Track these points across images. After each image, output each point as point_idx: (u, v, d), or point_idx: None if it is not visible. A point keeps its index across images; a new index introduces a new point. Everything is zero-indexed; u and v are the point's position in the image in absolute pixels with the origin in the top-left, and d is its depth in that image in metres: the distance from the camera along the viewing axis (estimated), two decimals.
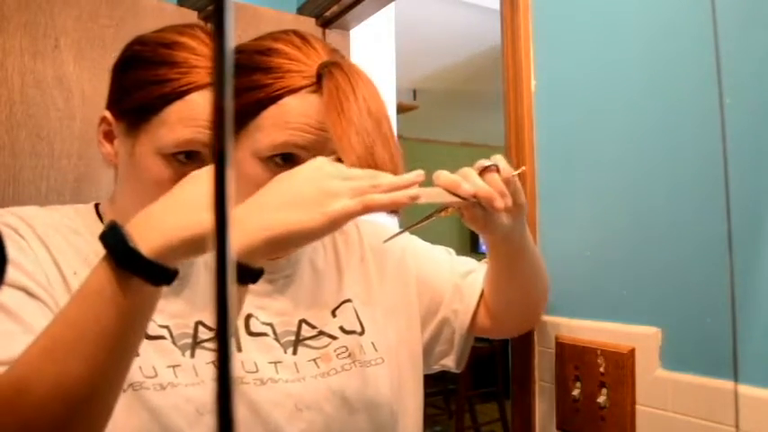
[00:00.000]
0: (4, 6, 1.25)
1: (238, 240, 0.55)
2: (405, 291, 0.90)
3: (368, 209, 0.57)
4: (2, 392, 0.51)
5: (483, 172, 0.73)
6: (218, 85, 0.19)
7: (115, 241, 0.52)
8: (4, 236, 0.35)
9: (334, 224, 0.57)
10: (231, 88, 0.19)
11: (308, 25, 1.66)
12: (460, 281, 0.92)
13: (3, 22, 1.25)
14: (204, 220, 0.52)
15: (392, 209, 0.59)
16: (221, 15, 0.19)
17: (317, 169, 0.59)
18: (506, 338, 1.05)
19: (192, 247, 0.53)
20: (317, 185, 0.57)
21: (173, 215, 0.53)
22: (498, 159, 0.75)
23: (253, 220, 0.56)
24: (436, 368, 0.95)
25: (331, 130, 0.66)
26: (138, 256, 0.51)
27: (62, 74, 1.31)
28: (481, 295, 0.92)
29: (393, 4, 1.65)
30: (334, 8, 1.64)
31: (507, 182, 0.73)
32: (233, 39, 0.19)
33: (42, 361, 0.52)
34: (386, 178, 0.60)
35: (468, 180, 0.70)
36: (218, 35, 0.19)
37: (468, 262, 0.98)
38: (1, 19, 1.25)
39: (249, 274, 0.58)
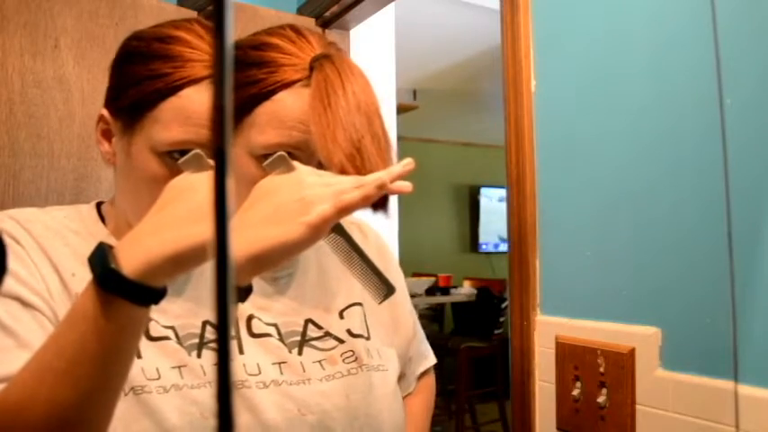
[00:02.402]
0: (4, 6, 1.25)
1: None
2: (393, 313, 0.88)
3: (342, 210, 0.54)
4: (0, 415, 0.51)
5: None
6: (218, 86, 0.19)
7: (98, 263, 0.51)
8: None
9: (316, 233, 0.54)
10: (231, 89, 0.19)
11: (307, 25, 1.65)
12: (411, 368, 0.89)
13: (3, 22, 1.25)
14: (188, 235, 0.50)
15: (365, 204, 0.56)
16: (221, 15, 0.19)
17: (298, 182, 0.57)
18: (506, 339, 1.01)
19: (177, 263, 0.51)
20: (298, 196, 0.55)
21: (156, 233, 0.52)
22: None
23: (235, 239, 0.54)
24: None
25: (313, 127, 0.64)
26: (120, 278, 0.50)
27: (62, 74, 1.31)
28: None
29: (393, 4, 1.65)
30: (334, 8, 1.64)
31: None
32: (233, 39, 0.19)
33: (35, 385, 0.51)
34: (370, 176, 0.56)
35: None
36: (218, 36, 0.19)
37: (429, 355, 0.94)
38: (1, 19, 1.25)
39: (237, 293, 0.56)
